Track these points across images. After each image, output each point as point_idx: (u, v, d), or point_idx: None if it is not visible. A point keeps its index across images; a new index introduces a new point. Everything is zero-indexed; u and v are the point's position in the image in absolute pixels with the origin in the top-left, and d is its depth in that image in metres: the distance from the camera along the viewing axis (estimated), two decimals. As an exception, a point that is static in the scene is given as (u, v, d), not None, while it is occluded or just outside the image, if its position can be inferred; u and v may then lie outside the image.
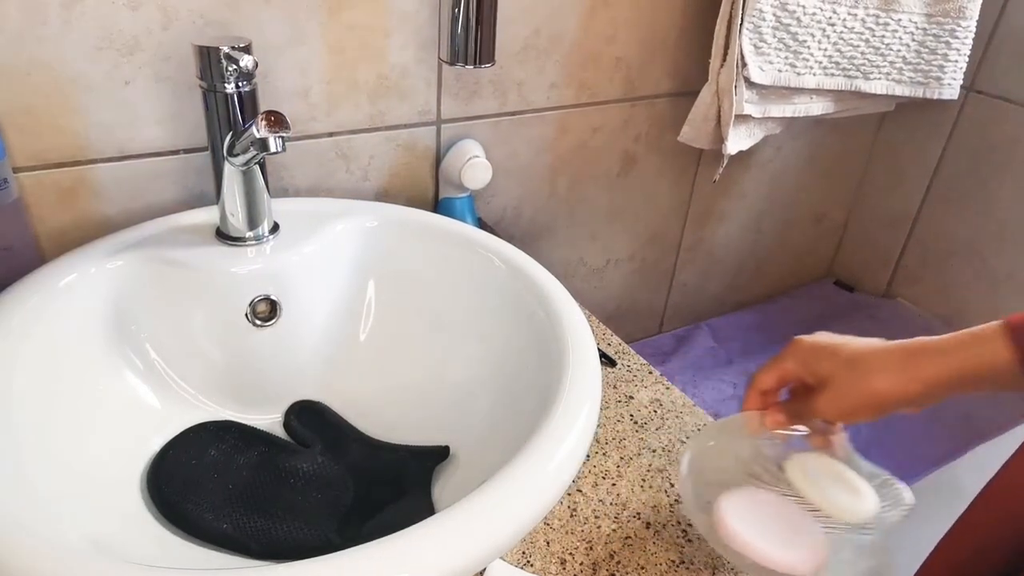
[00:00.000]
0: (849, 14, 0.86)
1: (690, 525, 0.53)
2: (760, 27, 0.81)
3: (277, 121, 0.50)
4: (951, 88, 0.98)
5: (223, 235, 0.59)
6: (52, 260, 0.55)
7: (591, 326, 0.54)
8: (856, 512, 0.46)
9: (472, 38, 0.66)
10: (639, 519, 0.53)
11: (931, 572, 0.59)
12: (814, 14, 0.84)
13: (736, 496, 0.49)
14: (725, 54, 0.83)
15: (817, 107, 0.93)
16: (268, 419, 0.59)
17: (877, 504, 0.46)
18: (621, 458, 0.59)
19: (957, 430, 1.00)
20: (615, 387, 0.67)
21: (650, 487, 0.56)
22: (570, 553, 0.50)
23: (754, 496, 0.49)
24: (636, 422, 0.63)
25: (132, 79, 0.60)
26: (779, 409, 0.50)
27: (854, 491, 0.47)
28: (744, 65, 0.82)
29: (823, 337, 0.49)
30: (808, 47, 0.86)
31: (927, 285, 1.23)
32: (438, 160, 0.78)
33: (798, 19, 0.83)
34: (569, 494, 0.55)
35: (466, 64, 0.67)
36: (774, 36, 0.82)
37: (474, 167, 0.75)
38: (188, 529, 0.49)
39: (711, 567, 0.50)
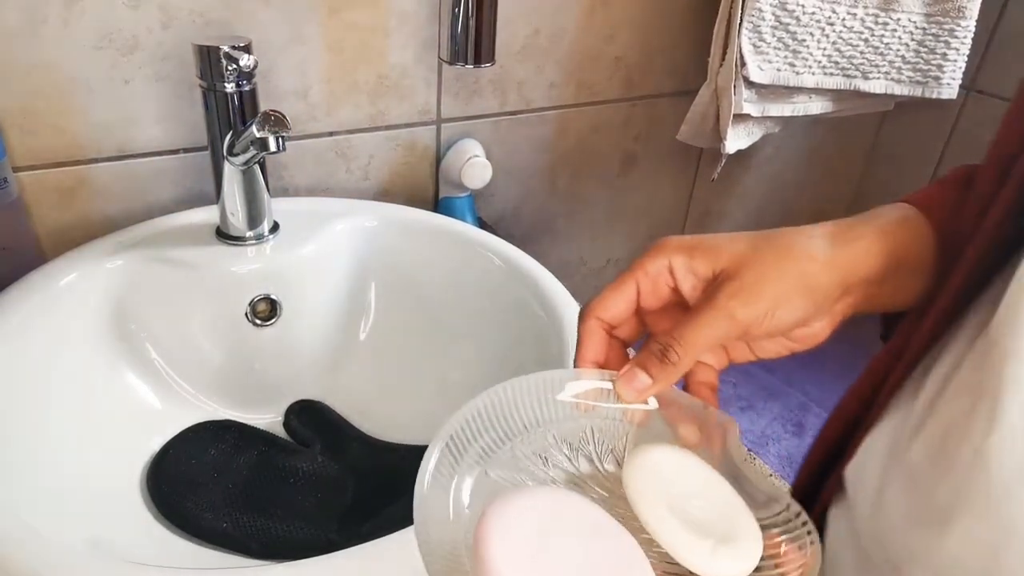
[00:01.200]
0: (848, 13, 0.86)
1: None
2: (759, 26, 0.81)
3: (277, 120, 0.50)
4: (950, 88, 0.98)
5: (223, 234, 0.59)
6: (52, 260, 0.55)
7: (591, 325, 0.54)
8: (716, 569, 0.27)
9: (472, 38, 0.66)
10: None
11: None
12: (813, 13, 0.84)
13: (518, 501, 0.27)
14: (724, 53, 0.83)
15: (816, 106, 0.93)
16: (268, 419, 0.60)
17: (755, 558, 0.27)
18: (621, 457, 0.59)
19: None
20: (615, 386, 0.66)
21: (650, 486, 0.56)
22: (570, 552, 0.50)
23: (555, 502, 0.27)
24: (636, 421, 0.63)
25: (132, 78, 0.60)
26: (642, 363, 0.31)
27: (729, 529, 0.28)
28: (743, 64, 0.82)
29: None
30: (807, 46, 0.86)
31: (927, 285, 1.22)
32: (438, 160, 0.78)
33: (797, 18, 0.83)
34: (569, 493, 0.55)
35: (466, 64, 0.67)
36: (773, 35, 0.82)
37: (474, 166, 0.75)
38: (188, 528, 0.49)
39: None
